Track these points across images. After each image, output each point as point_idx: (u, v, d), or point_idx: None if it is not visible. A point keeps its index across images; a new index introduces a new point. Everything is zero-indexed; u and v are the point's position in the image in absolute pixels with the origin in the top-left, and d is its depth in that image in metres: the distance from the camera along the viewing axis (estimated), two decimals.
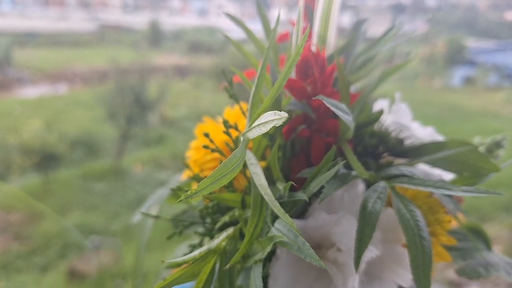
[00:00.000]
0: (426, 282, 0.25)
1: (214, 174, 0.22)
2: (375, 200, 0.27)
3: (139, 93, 3.61)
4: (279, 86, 0.24)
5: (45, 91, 6.01)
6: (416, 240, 0.26)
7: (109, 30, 8.35)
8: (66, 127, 4.49)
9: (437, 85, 6.06)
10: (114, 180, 3.49)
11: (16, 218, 2.97)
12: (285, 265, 0.30)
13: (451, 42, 6.26)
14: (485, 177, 0.34)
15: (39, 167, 3.37)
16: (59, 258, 2.41)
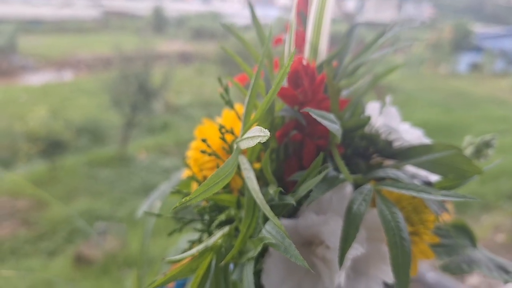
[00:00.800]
0: (405, 280, 0.27)
1: (207, 182, 0.24)
2: (360, 202, 0.29)
3: (143, 81, 3.62)
4: (269, 100, 0.26)
5: (50, 78, 6.03)
6: (396, 240, 0.28)
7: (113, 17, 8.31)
8: (71, 114, 4.52)
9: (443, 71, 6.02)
10: (119, 166, 3.53)
11: (24, 204, 3.03)
12: (277, 261, 0.32)
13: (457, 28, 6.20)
14: (469, 179, 0.35)
15: (45, 154, 3.41)
16: (66, 243, 2.46)
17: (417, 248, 0.33)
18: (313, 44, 0.35)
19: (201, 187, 0.23)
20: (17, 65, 6.27)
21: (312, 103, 0.33)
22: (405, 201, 0.34)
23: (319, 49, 0.35)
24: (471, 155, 0.45)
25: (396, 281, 0.27)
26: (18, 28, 7.03)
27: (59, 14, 8.00)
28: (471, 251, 0.39)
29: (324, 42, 0.35)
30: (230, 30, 0.35)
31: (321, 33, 0.34)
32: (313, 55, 0.35)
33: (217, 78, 0.36)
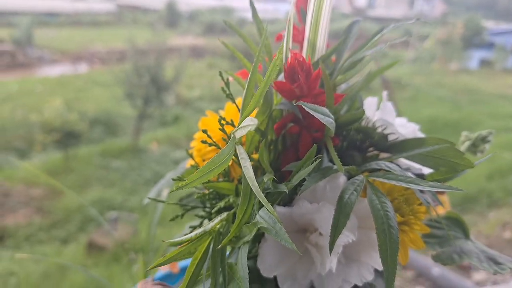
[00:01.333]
0: (393, 266, 0.29)
1: (203, 169, 0.25)
2: (352, 192, 0.31)
3: (155, 74, 3.66)
4: (262, 92, 0.27)
5: (65, 70, 6.12)
6: (384, 228, 0.29)
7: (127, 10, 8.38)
8: (85, 106, 4.59)
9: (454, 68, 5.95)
10: (131, 158, 3.58)
11: (38, 193, 3.09)
12: (272, 246, 0.33)
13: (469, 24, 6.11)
14: (461, 172, 0.36)
15: (59, 144, 3.48)
16: (78, 231, 2.52)
17: (407, 237, 0.34)
18: (311, 40, 0.36)
19: (196, 173, 0.25)
20: (33, 57, 6.36)
21: (308, 97, 0.34)
22: (397, 192, 0.35)
23: (317, 45, 0.36)
24: (468, 150, 0.46)
25: (383, 267, 0.29)
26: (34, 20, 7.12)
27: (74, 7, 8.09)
28: (463, 243, 0.40)
29: (322, 38, 0.36)
30: (230, 25, 0.37)
31: (319, 30, 0.36)
32: (311, 51, 0.37)
33: (226, 72, 0.38)
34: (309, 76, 0.32)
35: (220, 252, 0.31)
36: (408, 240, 0.35)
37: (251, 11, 0.38)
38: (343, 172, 0.31)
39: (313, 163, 0.30)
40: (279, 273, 0.34)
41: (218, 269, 0.30)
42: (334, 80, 0.37)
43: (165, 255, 0.28)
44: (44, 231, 2.52)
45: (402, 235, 0.34)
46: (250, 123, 0.24)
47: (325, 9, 0.35)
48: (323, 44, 0.37)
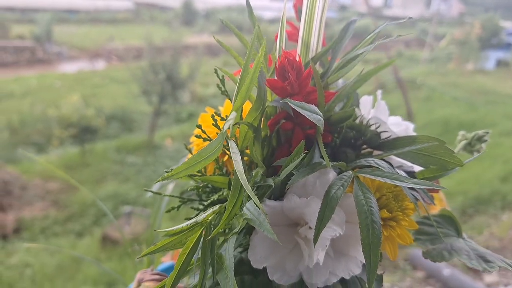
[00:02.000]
0: (375, 260, 0.30)
1: (189, 161, 0.27)
2: (339, 187, 0.32)
3: (171, 71, 3.70)
4: (247, 88, 0.28)
5: (83, 66, 6.22)
6: (368, 223, 0.30)
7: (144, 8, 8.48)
8: (102, 102, 4.67)
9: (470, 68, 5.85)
10: (146, 154, 3.63)
11: (55, 187, 3.16)
12: (262, 238, 0.35)
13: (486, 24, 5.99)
14: (451, 171, 0.37)
15: (76, 139, 3.55)
16: (93, 225, 2.57)
17: (395, 233, 0.35)
18: (304, 39, 0.37)
19: (183, 165, 0.26)
20: (52, 53, 6.49)
21: (300, 95, 0.35)
22: (386, 189, 0.36)
23: (310, 45, 0.37)
24: (464, 149, 0.47)
25: (366, 261, 0.30)
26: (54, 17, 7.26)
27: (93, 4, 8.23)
28: (454, 240, 0.40)
29: (316, 37, 0.37)
30: (226, 24, 0.38)
31: (312, 29, 0.37)
32: (304, 50, 0.37)
33: (221, 70, 0.39)
34: (300, 74, 0.33)
35: (211, 242, 0.32)
36: (396, 236, 0.35)
37: (247, 10, 0.39)
38: (330, 167, 0.32)
39: (301, 158, 0.31)
40: (269, 264, 0.35)
41: (208, 259, 0.31)
42: (327, 79, 0.38)
43: (155, 243, 0.30)
44: (59, 224, 2.58)
45: (389, 231, 0.35)
46: (231, 117, 0.25)
47: (318, 9, 0.36)
48: (316, 43, 0.37)
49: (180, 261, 0.31)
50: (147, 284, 0.43)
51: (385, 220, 0.35)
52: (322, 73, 0.40)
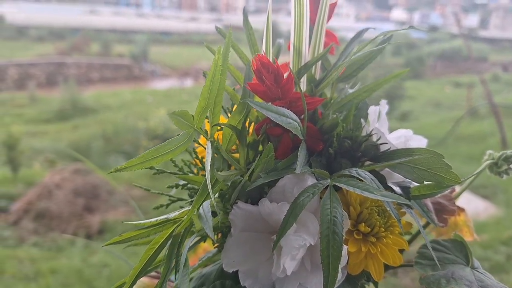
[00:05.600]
0: (333, 273, 0.28)
1: (145, 155, 0.28)
2: (308, 195, 0.31)
3: None
4: (206, 90, 0.29)
5: (173, 84, 6.65)
6: (328, 233, 0.28)
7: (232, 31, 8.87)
8: None
9: None
10: None
11: (138, 193, 3.38)
12: (236, 242, 0.34)
13: None
14: (447, 188, 0.34)
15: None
16: None
17: (375, 250, 0.32)
18: (296, 46, 0.37)
19: (138, 158, 0.27)
20: (147, 71, 7.05)
21: (284, 100, 0.35)
22: (372, 202, 0.33)
23: (302, 51, 0.37)
24: (490, 170, 0.42)
25: (324, 273, 0.28)
26: (150, 38, 7.91)
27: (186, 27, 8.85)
28: (459, 268, 0.36)
29: (307, 44, 0.37)
30: (221, 33, 0.39)
31: (303, 36, 0.36)
32: (296, 57, 0.37)
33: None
34: (278, 78, 0.33)
35: (179, 240, 0.32)
36: (378, 253, 0.33)
37: (242, 17, 0.40)
38: (298, 171, 0.31)
39: (267, 161, 0.31)
40: (241, 269, 0.34)
41: (173, 256, 0.32)
42: (316, 89, 0.37)
43: (121, 234, 0.31)
44: None
45: (368, 247, 0.32)
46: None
47: (306, 15, 0.36)
48: (307, 50, 0.37)
49: (147, 255, 0.32)
50: (143, 279, 0.44)
51: (366, 235, 0.33)
52: (319, 80, 0.39)
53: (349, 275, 0.34)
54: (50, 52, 7.31)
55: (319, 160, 0.37)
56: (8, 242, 2.97)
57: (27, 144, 4.39)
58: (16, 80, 6.17)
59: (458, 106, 6.60)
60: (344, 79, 0.42)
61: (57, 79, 6.29)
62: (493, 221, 3.05)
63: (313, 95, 0.38)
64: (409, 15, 11.07)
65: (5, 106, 5.77)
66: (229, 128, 0.35)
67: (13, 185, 3.79)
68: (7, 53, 7.02)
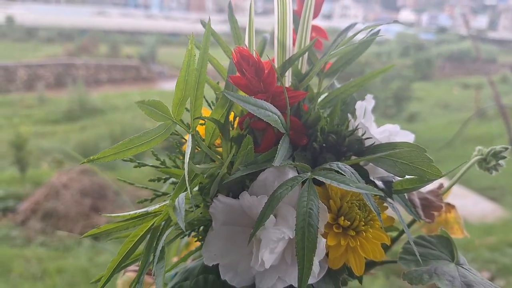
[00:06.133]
0: (308, 265, 0.28)
1: (119, 146, 0.28)
2: (286, 187, 0.30)
3: None
4: (181, 81, 0.29)
5: None
6: (304, 225, 0.28)
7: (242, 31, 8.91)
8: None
9: None
10: None
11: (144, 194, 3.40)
12: (217, 235, 0.34)
13: None
14: (429, 181, 0.33)
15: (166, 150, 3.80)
16: None
17: (354, 244, 0.32)
18: (280, 40, 0.36)
19: (111, 149, 0.28)
20: (155, 72, 7.09)
21: (267, 93, 0.34)
22: (353, 196, 0.33)
23: (286, 45, 0.37)
24: (479, 166, 0.42)
25: (298, 265, 0.28)
26: (159, 39, 7.95)
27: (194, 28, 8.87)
28: (443, 264, 0.36)
29: (291, 38, 0.36)
30: (203, 25, 0.39)
31: (287, 30, 0.36)
32: (281, 50, 0.37)
33: None
34: (260, 71, 0.33)
35: (158, 233, 0.32)
36: (358, 247, 0.32)
37: (228, 11, 0.40)
38: (277, 164, 0.31)
39: (245, 154, 0.31)
40: (222, 263, 0.34)
41: (151, 249, 0.32)
42: (301, 83, 0.37)
43: (98, 226, 0.31)
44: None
45: (348, 241, 0.32)
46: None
47: (289, 10, 0.35)
48: (291, 44, 0.37)
49: (126, 248, 0.32)
50: (129, 274, 0.44)
51: (345, 229, 0.33)
52: (303, 74, 0.38)
53: (330, 269, 0.34)
54: (59, 53, 7.39)
55: (303, 154, 0.37)
56: (15, 241, 2.99)
57: (35, 145, 4.44)
58: (25, 81, 6.24)
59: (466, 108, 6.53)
60: (331, 74, 0.41)
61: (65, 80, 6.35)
62: (501, 223, 3.02)
63: (297, 89, 0.37)
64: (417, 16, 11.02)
65: (14, 107, 5.83)
66: (211, 121, 0.35)
67: (21, 185, 3.83)
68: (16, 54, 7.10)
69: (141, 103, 0.28)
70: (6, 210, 3.42)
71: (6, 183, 3.83)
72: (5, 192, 3.64)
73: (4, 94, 6.14)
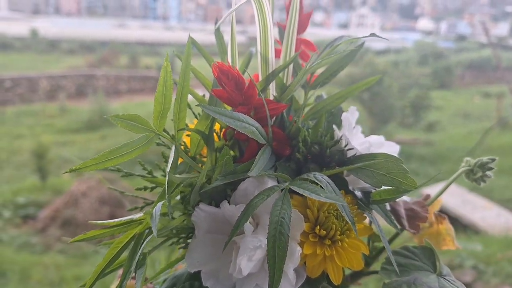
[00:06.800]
0: (278, 273, 0.28)
1: (99, 157, 0.29)
2: (262, 197, 0.31)
3: None
4: (160, 95, 0.30)
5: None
6: (275, 233, 0.29)
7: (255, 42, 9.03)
8: None
9: None
10: None
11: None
12: (200, 243, 0.35)
13: None
14: (404, 192, 0.34)
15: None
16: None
17: (329, 252, 0.33)
18: (263, 54, 0.38)
19: (92, 160, 0.29)
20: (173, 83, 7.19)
21: (248, 105, 0.36)
22: (330, 206, 0.34)
23: (269, 58, 0.38)
24: (467, 177, 0.42)
25: (269, 272, 0.29)
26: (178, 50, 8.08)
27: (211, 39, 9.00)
28: (424, 275, 0.36)
29: (273, 51, 0.38)
30: (193, 42, 0.40)
31: (269, 43, 0.37)
32: (264, 64, 0.38)
33: None
34: (239, 85, 0.34)
35: (142, 239, 0.34)
36: (335, 257, 0.33)
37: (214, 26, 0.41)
38: (254, 174, 0.32)
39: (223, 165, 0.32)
40: (204, 270, 0.35)
41: (135, 256, 0.33)
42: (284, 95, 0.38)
43: (85, 232, 0.33)
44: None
45: (325, 250, 0.33)
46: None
47: (269, 24, 0.37)
48: (273, 58, 0.38)
49: (111, 254, 0.33)
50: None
51: (322, 238, 0.33)
52: (286, 86, 0.40)
53: (309, 277, 0.34)
54: (80, 64, 7.59)
55: (287, 164, 0.38)
56: (35, 248, 3.06)
57: (56, 153, 4.55)
58: (48, 92, 6.42)
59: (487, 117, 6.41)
60: (316, 86, 0.42)
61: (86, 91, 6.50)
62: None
63: (280, 101, 0.39)
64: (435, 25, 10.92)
65: (37, 116, 6.00)
66: (196, 133, 0.36)
67: (41, 193, 3.92)
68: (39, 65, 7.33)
69: (116, 117, 0.29)
70: (27, 217, 3.51)
71: (27, 191, 3.93)
72: (26, 199, 3.74)
73: (27, 104, 6.33)
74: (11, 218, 3.46)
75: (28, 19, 10.38)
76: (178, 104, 0.34)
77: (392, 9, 13.75)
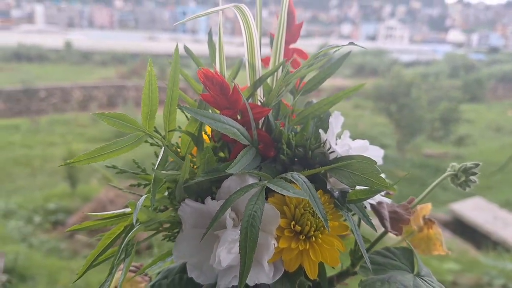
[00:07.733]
0: (248, 262, 0.31)
1: (91, 153, 0.32)
2: (240, 193, 0.34)
3: None
4: (146, 97, 0.33)
5: None
6: (247, 226, 0.31)
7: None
8: None
9: None
10: None
11: None
12: (186, 236, 0.38)
13: None
14: (377, 192, 0.35)
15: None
16: None
17: (303, 247, 0.34)
18: (250, 62, 0.40)
19: (84, 155, 0.32)
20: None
21: (233, 109, 0.38)
22: (307, 204, 0.36)
23: (256, 66, 0.40)
24: (452, 182, 0.43)
25: (240, 262, 0.31)
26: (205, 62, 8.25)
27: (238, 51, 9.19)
28: (400, 274, 0.37)
29: (259, 59, 0.40)
30: (188, 52, 0.43)
31: (255, 52, 0.40)
32: (251, 71, 0.41)
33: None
34: (224, 89, 0.37)
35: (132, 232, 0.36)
36: (310, 252, 0.35)
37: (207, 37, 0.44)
38: (232, 172, 0.34)
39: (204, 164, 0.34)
40: (189, 262, 0.38)
41: (124, 247, 0.36)
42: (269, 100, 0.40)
43: (80, 223, 0.36)
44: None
45: (299, 245, 0.34)
46: None
47: (255, 34, 0.39)
48: (260, 66, 0.40)
49: (104, 244, 0.36)
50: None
51: (298, 234, 0.35)
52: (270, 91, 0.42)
53: (287, 272, 0.36)
54: (112, 75, 7.85)
55: (273, 165, 0.40)
56: (63, 253, 3.16)
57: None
58: (80, 102, 6.66)
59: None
60: (304, 92, 0.45)
61: (117, 101, 6.71)
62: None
63: (266, 106, 0.41)
64: (466, 36, 10.69)
65: (69, 125, 6.23)
66: (186, 134, 0.39)
67: (71, 199, 4.05)
68: (73, 76, 7.63)
69: (102, 115, 0.32)
70: (56, 223, 3.63)
71: (58, 198, 4.07)
72: (57, 206, 3.87)
73: (60, 113, 6.59)
74: (41, 224, 3.59)
75: (63, 32, 10.91)
76: (168, 107, 0.37)
77: (421, 21, 13.61)
